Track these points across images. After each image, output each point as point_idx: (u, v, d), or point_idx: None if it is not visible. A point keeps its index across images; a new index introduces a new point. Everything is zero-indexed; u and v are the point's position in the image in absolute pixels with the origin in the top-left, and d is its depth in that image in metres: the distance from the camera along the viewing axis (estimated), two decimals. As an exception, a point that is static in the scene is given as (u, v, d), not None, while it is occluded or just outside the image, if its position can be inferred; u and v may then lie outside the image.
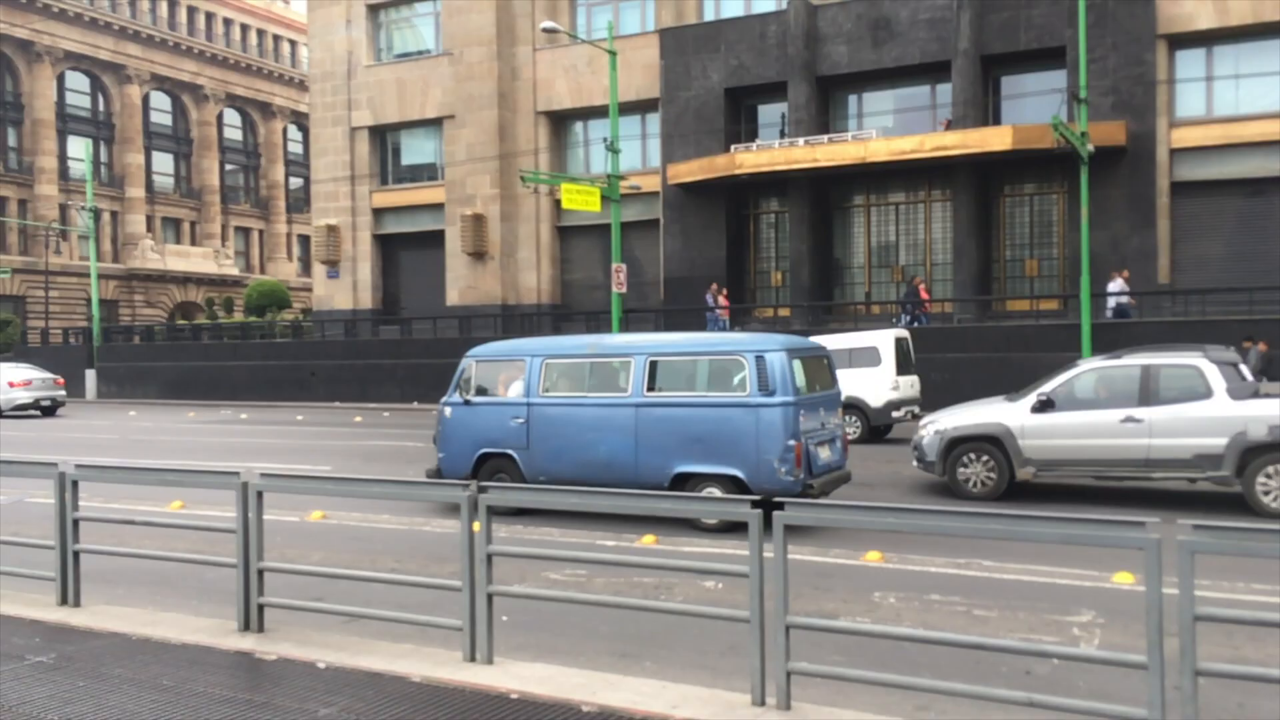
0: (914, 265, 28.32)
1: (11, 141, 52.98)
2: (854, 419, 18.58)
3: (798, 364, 10.71)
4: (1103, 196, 24.23)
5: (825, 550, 8.98)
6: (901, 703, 5.33)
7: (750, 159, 27.09)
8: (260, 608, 6.32)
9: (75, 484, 6.95)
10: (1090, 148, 21.43)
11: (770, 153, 27.00)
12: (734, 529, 9.79)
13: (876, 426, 18.74)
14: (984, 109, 26.41)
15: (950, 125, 26.22)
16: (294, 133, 66.80)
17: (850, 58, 27.50)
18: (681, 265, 29.78)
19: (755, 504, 4.98)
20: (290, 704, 5.09)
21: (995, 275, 27.32)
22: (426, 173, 35.39)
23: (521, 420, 11.64)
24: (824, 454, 10.89)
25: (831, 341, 19.18)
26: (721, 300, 27.30)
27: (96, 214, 40.69)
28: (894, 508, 5.02)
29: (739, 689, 5.14)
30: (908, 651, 6.03)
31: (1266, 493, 10.87)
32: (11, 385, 29.88)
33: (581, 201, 25.97)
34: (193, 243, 60.80)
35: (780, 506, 4.92)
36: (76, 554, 6.96)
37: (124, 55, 56.19)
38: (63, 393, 31.26)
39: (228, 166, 63.77)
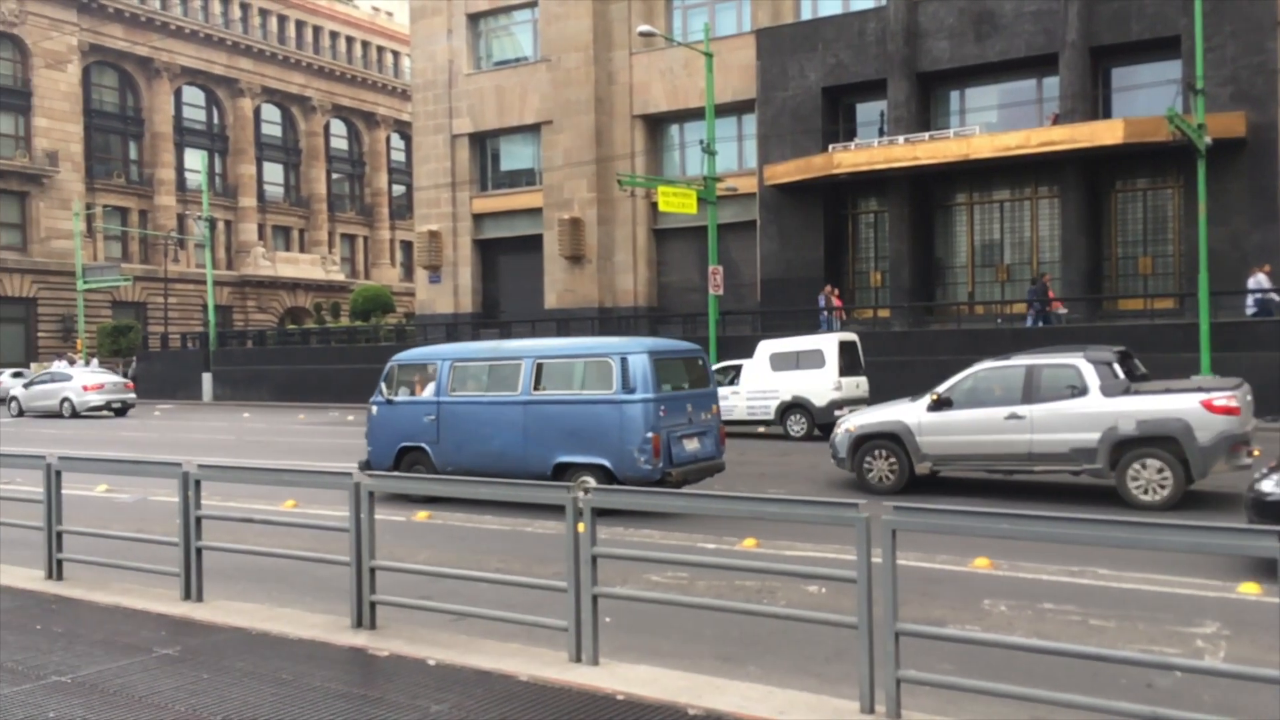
0: (1019, 264, 27.59)
1: (133, 155, 55.49)
2: (800, 417, 20.02)
3: (661, 365, 11.97)
4: (1221, 191, 23.22)
5: (931, 556, 8.80)
6: (1015, 714, 5.19)
7: (848, 158, 26.74)
8: (372, 605, 6.48)
9: (198, 483, 7.23)
10: (1208, 140, 20.57)
11: (869, 151, 26.61)
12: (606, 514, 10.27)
13: (821, 424, 19.43)
14: (1093, 102, 25.58)
15: (1058, 120, 25.46)
16: (397, 141, 68.44)
17: (952, 53, 26.93)
18: (778, 267, 29.57)
19: (860, 508, 4.90)
20: (403, 700, 5.21)
21: (1106, 274, 26.43)
22: (525, 178, 35.87)
23: (432, 417, 13.06)
24: (690, 445, 12.14)
25: (780, 345, 20.90)
26: (835, 301, 26.97)
27: (212, 223, 42.34)
28: (1006, 513, 4.89)
29: (846, 696, 5.07)
30: (1020, 661, 5.86)
31: (1136, 484, 11.45)
32: (85, 389, 31.77)
33: (678, 204, 26.00)
34: (301, 250, 62.78)
35: (885, 510, 4.84)
36: (199, 551, 7.24)
37: (237, 70, 58.35)
38: (132, 396, 33.29)
39: (334, 175, 65.68)
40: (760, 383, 20.63)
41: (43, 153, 49.52)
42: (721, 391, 20.14)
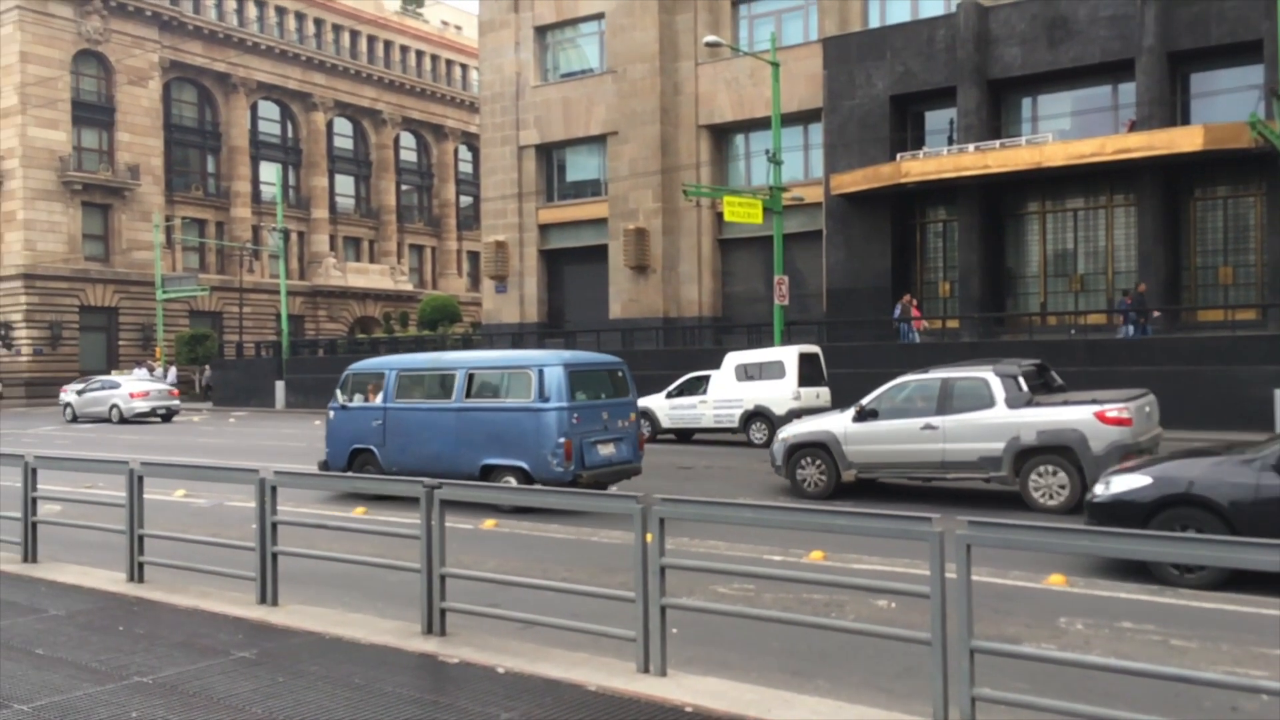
0: (1094, 274, 27.00)
1: (210, 168, 56.98)
2: (761, 425, 20.68)
3: (577, 376, 13.07)
4: (1306, 198, 22.51)
5: (1004, 571, 8.63)
6: (1094, 735, 5.06)
7: (917, 167, 26.43)
8: (442, 612, 6.55)
9: (274, 489, 7.39)
10: (1292, 146, 19.97)
11: (938, 160, 26.28)
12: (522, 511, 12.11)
13: None
14: (1171, 108, 24.97)
15: (1134, 126, 24.90)
16: (464, 153, 69.34)
17: (1024, 59, 26.50)
18: (845, 277, 29.31)
19: (935, 522, 4.83)
20: (473, 707, 5.25)
21: (1185, 284, 25.75)
22: (590, 188, 36.09)
23: (379, 422, 14.28)
24: (604, 450, 13.21)
25: (745, 356, 21.89)
26: (914, 311, 26.62)
27: (286, 235, 43.26)
28: (1083, 530, 4.79)
29: (919, 713, 5.00)
30: (1099, 681, 5.72)
31: (1038, 491, 12.14)
32: (132, 396, 33.50)
33: (744, 214, 25.93)
34: (371, 260, 63.86)
35: (958, 525, 4.77)
36: (275, 555, 7.39)
37: (310, 84, 59.65)
38: (177, 402, 35.18)
39: (403, 187, 66.75)
40: (726, 392, 21.50)
41: (125, 166, 51.10)
42: (690, 400, 22.31)
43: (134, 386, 34.18)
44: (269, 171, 56.76)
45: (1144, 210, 25.25)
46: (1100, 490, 9.18)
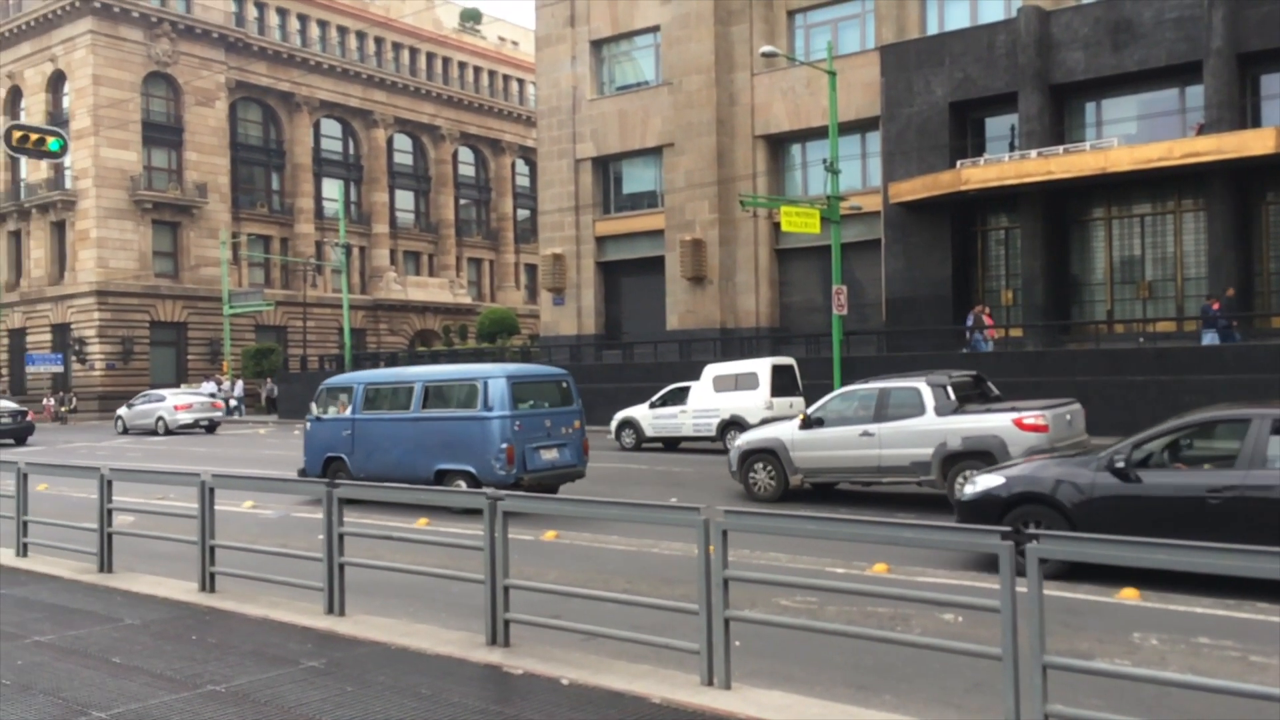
0: (1162, 280, 26.39)
1: (275, 185, 58.19)
2: (736, 434, 20.59)
3: (520, 387, 14.20)
4: (1386, 200, 21.79)
5: (1074, 585, 8.46)
6: (1172, 755, 4.93)
7: (978, 174, 26.09)
8: (506, 623, 6.59)
9: (341, 502, 7.50)
10: (1371, 147, 19.34)
11: (999, 167, 25.91)
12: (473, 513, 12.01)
13: None
14: (1241, 111, 24.35)
15: (1203, 129, 24.31)
16: (521, 167, 69.98)
17: (1087, 63, 26.04)
18: (904, 286, 29.00)
19: (1005, 536, 4.76)
20: (539, 719, 5.27)
21: (1257, 290, 25.05)
22: (646, 200, 36.17)
23: (348, 432, 15.44)
24: (547, 455, 14.28)
25: (722, 368, 22.82)
26: (986, 320, 26.21)
27: (348, 250, 43.98)
28: (1159, 543, 4.67)
29: (989, 729, 4.91)
30: (1175, 699, 5.58)
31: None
32: (176, 408, 35.41)
33: (801, 224, 25.77)
34: (430, 274, 64.67)
35: (1031, 538, 4.68)
36: (342, 566, 7.49)
37: (371, 101, 60.69)
38: (220, 414, 37.11)
39: (462, 201, 67.55)
40: (704, 403, 22.42)
41: (193, 185, 52.38)
42: (671, 411, 23.35)
43: (178, 399, 36.07)
44: (331, 188, 57.80)
45: (1214, 215, 24.64)
46: (968, 490, 9.86)
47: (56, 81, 51.54)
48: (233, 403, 44.07)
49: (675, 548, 10.84)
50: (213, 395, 43.19)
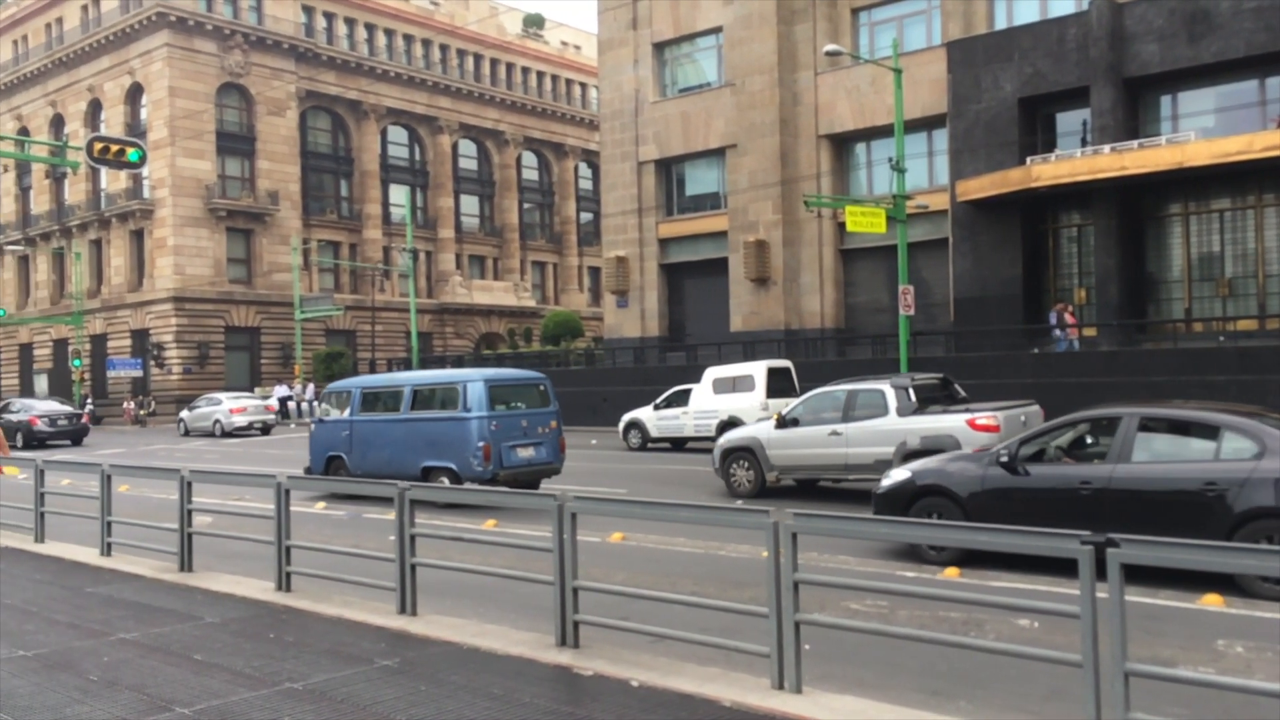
0: (1243, 277, 25.61)
1: (344, 192, 59.27)
2: None
3: (497, 390, 15.23)
4: None
5: (1154, 591, 8.24)
6: (1261, 767, 4.79)
7: (1048, 170, 25.58)
8: (575, 624, 6.62)
9: (413, 503, 7.60)
10: None
11: (1071, 163, 25.37)
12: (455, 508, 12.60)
13: None
14: (1326, 100, 23.56)
15: (1284, 121, 23.58)
16: (584, 170, 70.37)
17: (1162, 56, 25.40)
18: (973, 285, 28.55)
19: (1084, 540, 4.65)
20: (609, 720, 5.28)
21: (1344, 286, 24.21)
22: (710, 202, 36.10)
23: (347, 433, 16.47)
24: (523, 453, 15.24)
25: (721, 371, 23.67)
26: (1069, 319, 25.67)
27: (415, 254, 44.61)
28: (1241, 548, 4.54)
29: (1069, 738, 4.80)
30: (1262, 709, 5.39)
31: None
32: (232, 412, 36.79)
33: (866, 224, 25.50)
34: (495, 277, 65.31)
35: (1115, 544, 4.58)
36: (414, 567, 7.59)
37: (437, 108, 61.51)
38: (273, 417, 38.50)
39: (525, 205, 68.12)
40: (704, 404, 23.25)
41: (265, 193, 53.57)
42: (674, 412, 24.41)
43: (234, 403, 37.45)
44: (398, 194, 58.69)
45: (1297, 209, 23.86)
46: (884, 483, 10.68)
47: (134, 94, 53.07)
48: (304, 405, 44.90)
49: (743, 550, 10.80)
50: (286, 398, 44.20)
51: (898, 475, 10.61)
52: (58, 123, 56.91)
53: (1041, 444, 9.82)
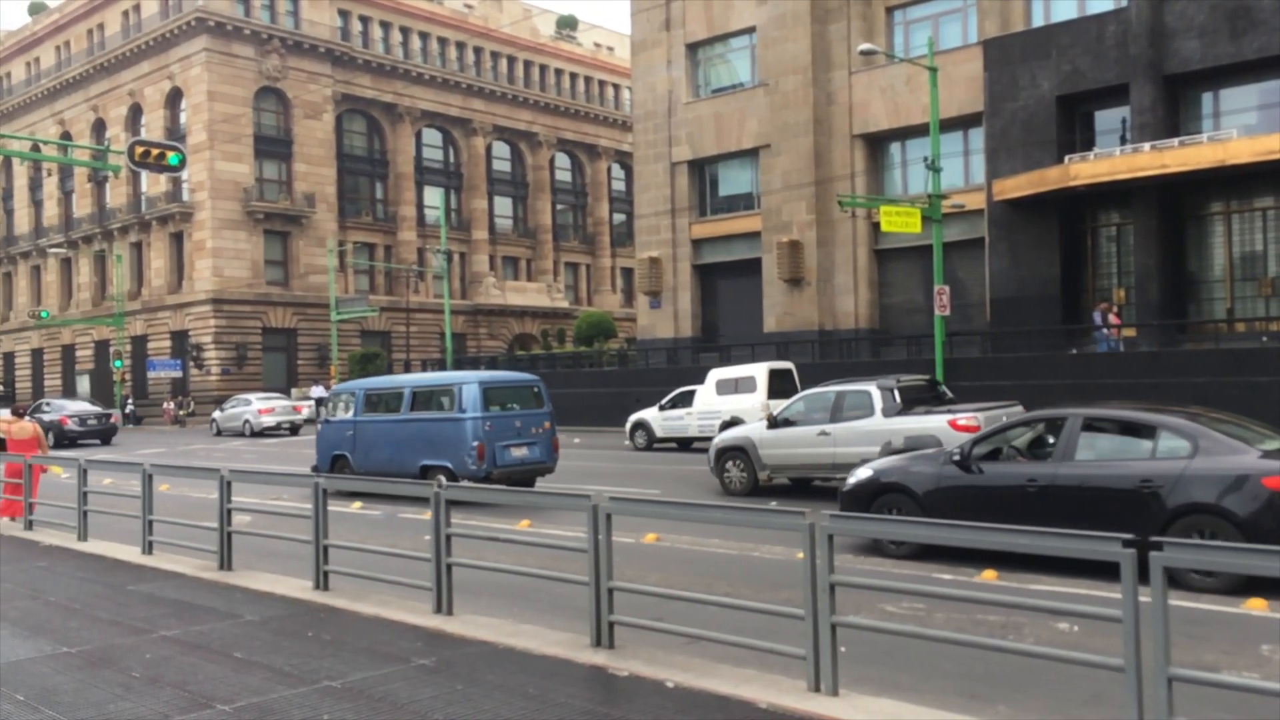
0: (1286, 277, 25.18)
1: (379, 194, 59.76)
2: None
3: (491, 391, 15.84)
4: None
5: (1196, 595, 8.12)
6: (1308, 775, 4.70)
7: (1087, 169, 25.27)
8: (611, 625, 6.63)
9: (449, 504, 7.64)
10: None
11: (1110, 161, 25.05)
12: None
13: None
14: (1373, 96, 23.09)
15: (1330, 117, 23.13)
16: (617, 171, 70.48)
17: (1203, 52, 25.01)
18: (1009, 285, 28.26)
19: (1127, 543, 4.60)
20: (645, 721, 5.28)
21: (1392, 285, 23.72)
22: (743, 202, 36.02)
23: (351, 432, 17.07)
24: (516, 452, 15.78)
25: (724, 372, 24.14)
26: (1113, 319, 25.30)
27: (449, 256, 44.89)
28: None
29: (1110, 743, 4.74)
30: (1311, 716, 5.30)
31: None
32: (260, 412, 37.70)
33: (901, 223, 25.35)
34: (528, 279, 65.56)
35: (1155, 546, 4.51)
36: (449, 567, 7.64)
37: (471, 110, 61.86)
38: (301, 417, 38.99)
39: (558, 206, 68.32)
40: (708, 404, 23.72)
41: (302, 195, 54.11)
42: (679, 413, 24.96)
43: (262, 404, 38.40)
44: (433, 195, 59.09)
45: (1344, 207, 23.42)
46: (849, 481, 11.11)
47: (174, 98, 53.80)
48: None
49: (777, 551, 10.76)
50: (321, 399, 44.72)
51: (861, 474, 11.08)
52: (99, 127, 57.83)
53: (995, 443, 10.24)
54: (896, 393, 14.69)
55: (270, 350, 53.49)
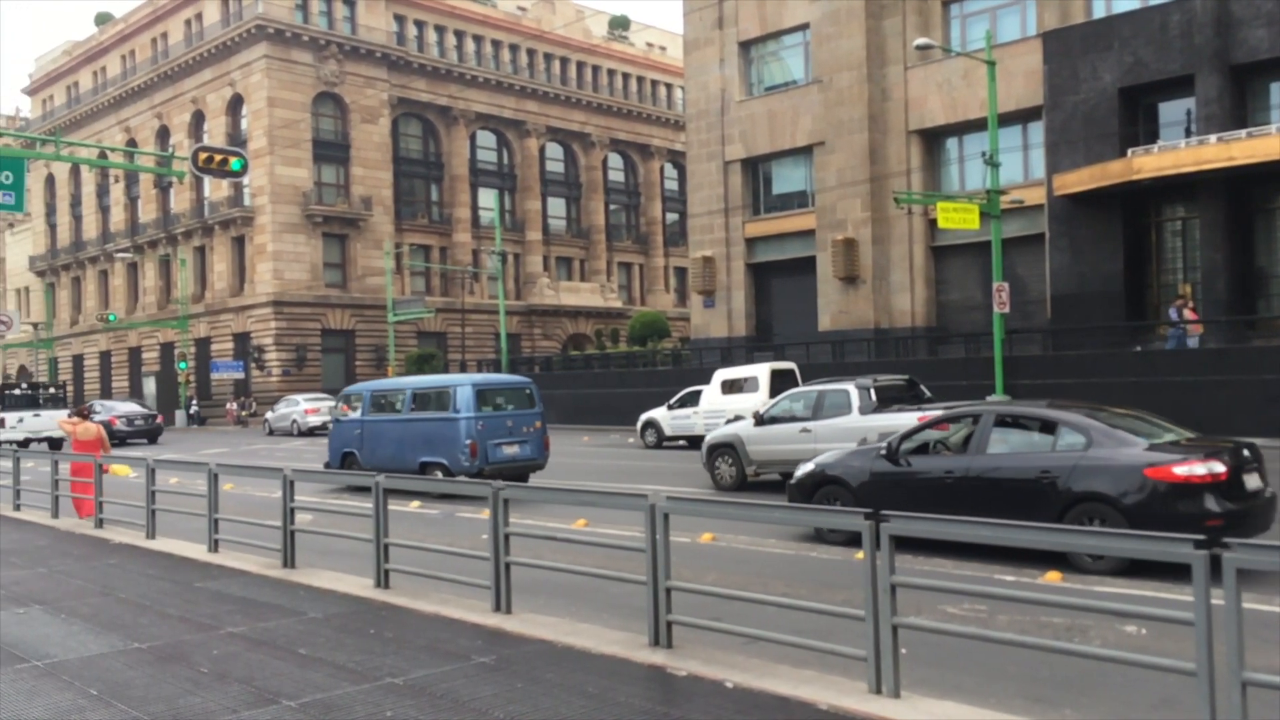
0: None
1: (434, 196, 60.38)
2: None
3: (484, 393, 16.86)
4: None
5: (1269, 598, 7.90)
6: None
7: (1151, 162, 24.73)
8: (669, 625, 6.62)
9: (506, 502, 7.70)
10: None
11: (1175, 154, 24.50)
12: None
13: None
14: None
15: (1406, 105, 22.38)
16: (670, 171, 70.44)
17: (1271, 42, 24.34)
18: (1070, 281, 27.76)
19: (1199, 544, 4.49)
20: (704, 721, 5.28)
21: None
22: (797, 200, 35.81)
23: (359, 431, 18.11)
24: (508, 450, 16.77)
25: (729, 373, 24.93)
26: (1189, 314, 24.66)
27: (503, 257, 45.19)
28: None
29: (1182, 749, 4.64)
30: (1392, 724, 5.14)
31: None
32: (307, 412, 39.40)
33: (959, 220, 25.03)
34: (582, 279, 65.81)
35: (1227, 547, 4.40)
36: (508, 566, 7.70)
37: (524, 112, 62.26)
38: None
39: (611, 206, 68.48)
40: (713, 404, 24.34)
41: (359, 198, 54.87)
42: (686, 412, 25.90)
43: (309, 404, 40.07)
44: (487, 197, 59.55)
45: None
46: (797, 473, 11.83)
47: (235, 104, 54.86)
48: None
49: (834, 552, 10.68)
50: None
51: (806, 467, 11.81)
52: (164, 134, 59.17)
53: (923, 439, 10.99)
54: (873, 391, 15.54)
55: (329, 351, 54.32)
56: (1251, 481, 9.42)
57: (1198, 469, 9.05)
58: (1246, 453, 9.54)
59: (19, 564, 11.10)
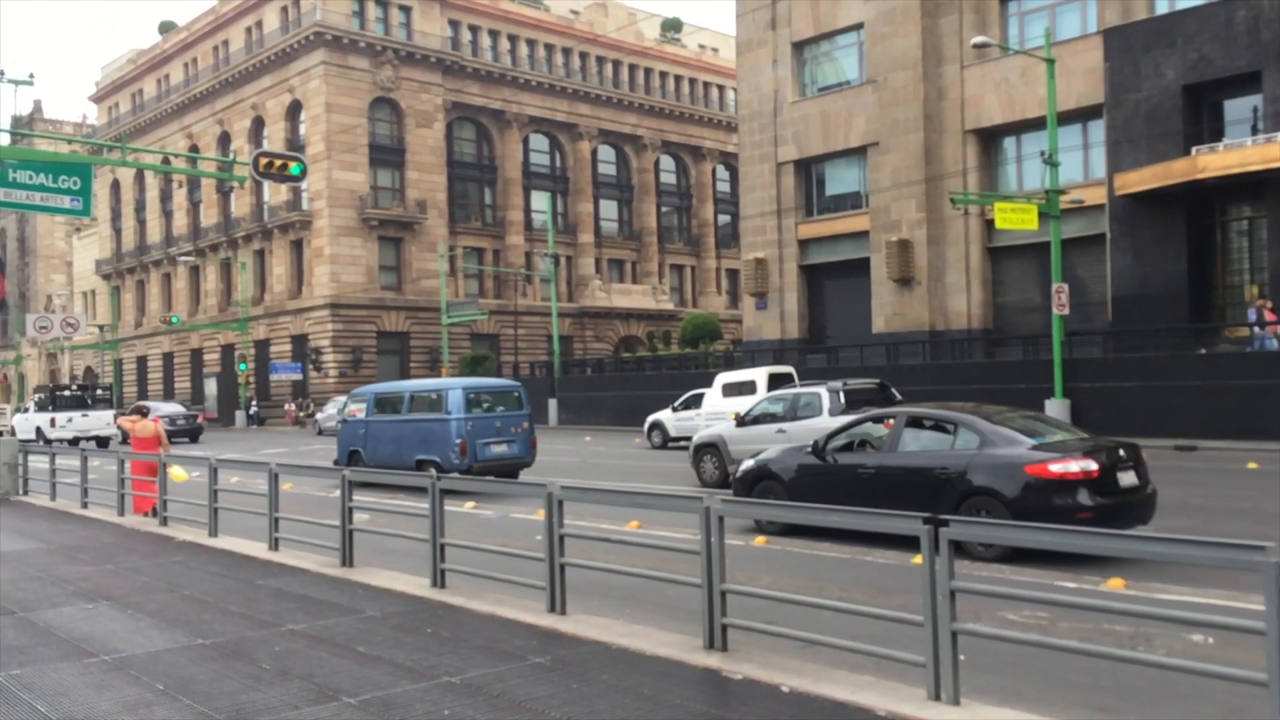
0: None
1: (487, 199, 60.87)
2: None
3: (474, 396, 18.00)
4: None
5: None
6: None
7: (1216, 161, 24.17)
8: (724, 628, 6.61)
9: (561, 503, 7.74)
10: None
11: (1241, 152, 23.91)
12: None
13: None
14: None
15: None
16: (721, 173, 70.29)
17: (1343, 34, 23.68)
18: (1132, 283, 27.21)
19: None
20: (761, 725, 5.25)
21: None
22: (850, 201, 35.53)
23: (363, 431, 19.31)
24: (496, 449, 17.76)
25: (730, 376, 25.38)
26: (1268, 315, 23.93)
27: (556, 259, 45.43)
28: None
29: (1253, 762, 4.53)
30: None
31: None
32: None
33: (1017, 220, 24.67)
34: (633, 281, 65.90)
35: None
36: (563, 567, 7.73)
37: (576, 115, 62.53)
38: None
39: (663, 209, 68.49)
40: (715, 406, 24.74)
41: (414, 202, 55.49)
42: (689, 414, 26.75)
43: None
44: (540, 200, 59.86)
45: None
46: (740, 470, 12.61)
47: (294, 110, 55.78)
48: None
49: (890, 556, 10.57)
50: None
51: (748, 464, 12.59)
52: (224, 140, 60.33)
53: (848, 437, 11.84)
54: (842, 394, 16.57)
55: (384, 353, 54.98)
56: (1126, 478, 10.22)
57: (1071, 466, 9.89)
58: (1123, 453, 10.36)
59: (87, 560, 11.39)
